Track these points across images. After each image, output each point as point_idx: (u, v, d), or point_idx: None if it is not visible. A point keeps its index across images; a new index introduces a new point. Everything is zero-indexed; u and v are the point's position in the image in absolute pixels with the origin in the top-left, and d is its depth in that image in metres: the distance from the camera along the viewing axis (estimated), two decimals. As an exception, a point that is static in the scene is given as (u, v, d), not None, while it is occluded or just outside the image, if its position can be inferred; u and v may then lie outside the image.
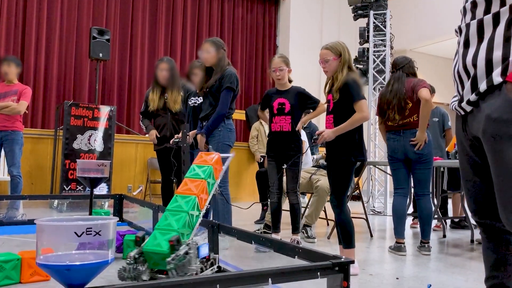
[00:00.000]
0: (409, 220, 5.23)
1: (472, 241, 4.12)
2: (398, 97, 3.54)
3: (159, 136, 4.28)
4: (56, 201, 5.52)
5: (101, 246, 1.26)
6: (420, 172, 3.55)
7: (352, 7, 7.37)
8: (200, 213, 2.23)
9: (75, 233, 1.17)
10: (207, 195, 2.33)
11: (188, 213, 2.15)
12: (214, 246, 2.44)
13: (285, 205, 3.70)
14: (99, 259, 1.24)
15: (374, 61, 7.15)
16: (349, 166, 2.78)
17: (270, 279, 1.52)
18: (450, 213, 5.30)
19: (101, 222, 1.21)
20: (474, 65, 1.49)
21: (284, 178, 3.64)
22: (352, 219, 2.84)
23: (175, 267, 1.95)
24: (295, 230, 3.58)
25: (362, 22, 7.49)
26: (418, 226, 3.74)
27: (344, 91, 2.77)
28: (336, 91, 2.78)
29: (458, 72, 1.57)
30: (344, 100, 2.78)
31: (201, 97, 3.87)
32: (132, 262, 2.00)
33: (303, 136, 3.94)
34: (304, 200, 5.32)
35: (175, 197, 2.24)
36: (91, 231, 1.18)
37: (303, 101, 3.55)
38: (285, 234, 3.76)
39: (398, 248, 3.45)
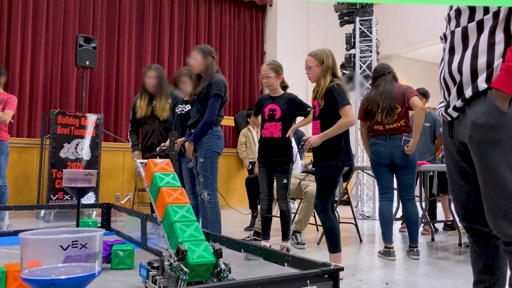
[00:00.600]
0: (398, 225, 5.26)
1: (460, 244, 4.16)
2: (388, 99, 3.55)
3: (141, 153, 4.38)
4: (43, 211, 5.45)
5: (87, 259, 1.23)
6: (405, 176, 3.57)
7: (338, 13, 7.43)
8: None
9: (61, 246, 1.14)
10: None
11: (196, 221, 2.20)
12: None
13: (275, 211, 3.70)
14: (85, 272, 1.22)
15: (361, 67, 7.21)
16: (336, 171, 2.81)
17: (259, 288, 1.51)
18: (440, 217, 5.34)
19: (87, 234, 1.19)
20: (460, 72, 1.51)
21: (274, 184, 3.63)
22: (341, 224, 2.86)
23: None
24: (285, 237, 3.58)
25: (348, 28, 7.55)
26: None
27: (329, 97, 2.80)
28: (321, 98, 2.81)
29: (444, 78, 1.59)
30: (329, 105, 2.80)
31: (188, 105, 3.86)
32: (173, 277, 1.94)
33: (294, 142, 3.95)
34: (293, 206, 5.32)
35: (170, 208, 2.21)
36: (77, 244, 1.16)
37: (294, 108, 3.55)
38: (275, 240, 3.75)
39: (387, 253, 3.47)
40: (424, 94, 5.05)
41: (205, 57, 3.48)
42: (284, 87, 3.61)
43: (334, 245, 2.84)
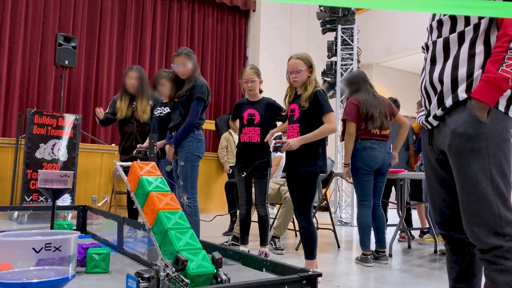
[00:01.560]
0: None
1: (435, 251, 4.21)
2: (384, 106, 3.63)
3: (103, 116, 4.27)
4: (16, 213, 5.31)
5: (61, 262, 1.20)
6: (382, 183, 3.66)
7: (320, 21, 7.50)
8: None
9: (33, 249, 1.11)
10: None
11: (190, 228, 2.12)
12: (181, 260, 2.39)
13: (254, 216, 3.68)
14: (58, 276, 1.19)
15: (342, 74, 7.28)
16: (315, 177, 2.82)
17: (237, 294, 1.50)
18: (416, 224, 5.40)
19: (61, 237, 1.15)
20: (441, 81, 1.53)
21: (253, 189, 3.62)
22: (320, 229, 2.87)
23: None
24: (263, 242, 3.56)
25: (330, 36, 7.63)
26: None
27: (314, 102, 2.79)
28: (305, 101, 2.80)
29: (425, 87, 1.61)
30: (312, 110, 2.80)
31: (167, 107, 3.82)
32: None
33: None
34: (272, 211, 5.31)
35: (162, 214, 2.11)
36: (50, 246, 1.13)
37: (273, 113, 3.56)
38: (253, 245, 3.73)
39: (364, 259, 3.49)
40: (395, 102, 5.12)
41: (193, 62, 3.47)
42: (260, 91, 3.63)
43: (312, 252, 2.85)
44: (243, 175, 3.53)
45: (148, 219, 2.19)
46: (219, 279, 1.92)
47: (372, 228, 3.63)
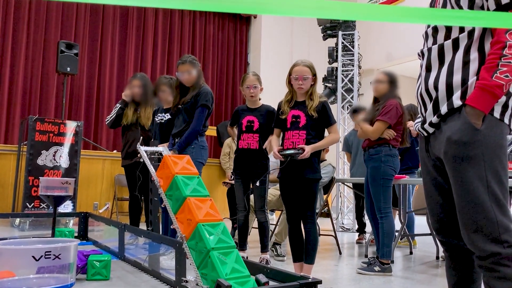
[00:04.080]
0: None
1: (437, 257, 4.20)
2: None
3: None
4: (18, 220, 5.32)
5: (61, 270, 1.21)
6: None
7: (321, 27, 7.53)
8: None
9: (33, 257, 1.12)
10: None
11: (235, 247, 1.90)
12: (181, 267, 2.39)
13: (255, 223, 3.69)
14: (58, 284, 1.20)
15: (343, 80, 7.30)
16: (318, 182, 2.87)
17: (236, 301, 1.49)
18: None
19: (61, 245, 1.16)
20: (436, 88, 1.54)
21: (252, 196, 3.63)
22: (321, 236, 2.87)
23: None
24: (264, 248, 3.57)
25: (331, 42, 7.65)
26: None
27: (322, 112, 2.84)
28: (313, 110, 2.83)
29: (420, 94, 1.62)
30: (319, 119, 2.84)
31: (168, 114, 3.85)
32: None
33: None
34: (272, 217, 5.31)
35: (202, 228, 1.85)
36: (50, 254, 1.14)
37: (272, 120, 3.57)
38: (255, 252, 3.73)
39: (388, 269, 3.38)
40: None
41: (197, 69, 3.51)
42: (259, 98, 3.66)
43: (313, 256, 2.87)
44: (240, 182, 3.55)
45: (183, 228, 1.94)
46: None
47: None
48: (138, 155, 3.83)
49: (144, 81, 4.28)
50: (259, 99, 3.66)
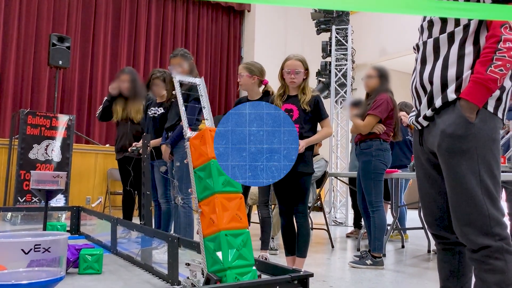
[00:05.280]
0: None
1: (429, 251, 4.23)
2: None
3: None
4: (9, 214, 5.28)
5: (51, 263, 1.20)
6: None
7: (315, 21, 7.52)
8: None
9: (22, 250, 1.11)
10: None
11: (253, 265, 1.82)
12: (173, 261, 2.39)
13: (255, 217, 3.68)
14: (49, 277, 1.19)
15: (336, 75, 7.30)
16: (311, 176, 2.87)
17: (229, 294, 1.49)
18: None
19: (51, 238, 1.15)
20: (431, 82, 1.54)
21: (255, 189, 3.59)
22: (314, 229, 2.88)
23: None
24: (264, 245, 3.55)
25: (325, 36, 7.64)
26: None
27: (315, 106, 2.84)
28: (306, 104, 2.82)
29: (415, 88, 1.62)
30: (312, 113, 2.84)
31: (161, 108, 3.82)
32: None
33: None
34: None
35: (225, 239, 1.72)
36: (39, 247, 1.12)
37: None
38: (254, 247, 3.72)
39: (380, 262, 3.40)
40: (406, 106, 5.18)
41: (189, 62, 3.48)
42: (267, 92, 3.48)
43: (305, 250, 2.87)
44: None
45: (204, 226, 1.83)
46: None
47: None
48: (129, 149, 3.82)
49: (132, 76, 4.24)
50: (267, 92, 3.52)
